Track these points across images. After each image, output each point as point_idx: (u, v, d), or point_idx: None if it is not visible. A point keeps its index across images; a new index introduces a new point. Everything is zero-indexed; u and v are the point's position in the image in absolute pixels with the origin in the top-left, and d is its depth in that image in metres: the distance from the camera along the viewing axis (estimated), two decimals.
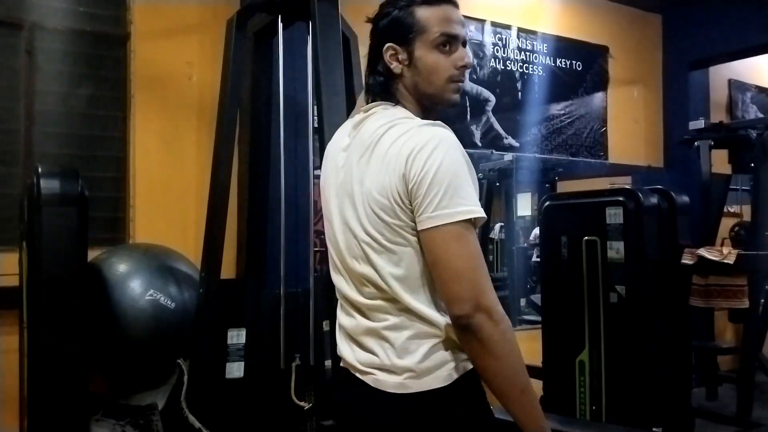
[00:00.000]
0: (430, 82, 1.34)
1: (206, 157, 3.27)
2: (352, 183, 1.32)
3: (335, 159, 1.41)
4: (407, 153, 1.23)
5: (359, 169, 1.31)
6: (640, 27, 5.78)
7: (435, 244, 1.21)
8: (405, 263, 1.26)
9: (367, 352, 1.32)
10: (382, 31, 1.36)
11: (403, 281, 1.27)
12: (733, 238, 5.43)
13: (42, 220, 2.50)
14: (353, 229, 1.31)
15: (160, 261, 3.05)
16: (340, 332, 1.42)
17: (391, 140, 1.26)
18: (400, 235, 1.26)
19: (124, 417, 2.90)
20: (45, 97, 3.36)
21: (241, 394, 3.06)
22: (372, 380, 1.30)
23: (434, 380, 1.26)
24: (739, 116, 6.25)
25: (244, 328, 3.08)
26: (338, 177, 1.37)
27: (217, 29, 3.31)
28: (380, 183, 1.25)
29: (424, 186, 1.20)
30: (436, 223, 1.20)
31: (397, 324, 1.28)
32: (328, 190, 1.42)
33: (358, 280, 1.33)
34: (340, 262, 1.38)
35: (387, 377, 1.28)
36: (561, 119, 5.31)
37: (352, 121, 1.42)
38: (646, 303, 3.39)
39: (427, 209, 1.20)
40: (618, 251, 3.40)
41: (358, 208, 1.30)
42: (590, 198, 3.65)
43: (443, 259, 1.21)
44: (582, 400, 3.53)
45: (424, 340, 1.27)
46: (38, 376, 2.52)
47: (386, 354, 1.28)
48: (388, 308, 1.29)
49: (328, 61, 2.64)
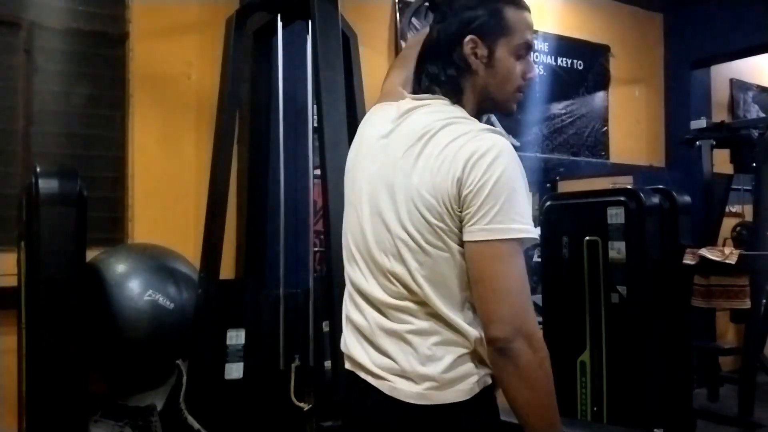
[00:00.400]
0: (501, 87, 1.31)
1: (205, 156, 3.26)
2: (394, 175, 1.24)
3: (371, 144, 1.32)
4: (466, 157, 1.16)
5: (406, 161, 1.23)
6: (642, 26, 5.76)
7: (483, 259, 1.16)
8: (440, 268, 1.20)
9: (383, 356, 1.24)
10: (466, 21, 1.27)
11: (435, 285, 1.20)
12: (735, 238, 5.41)
13: (40, 220, 2.49)
14: (388, 223, 1.24)
15: (158, 261, 3.05)
16: (350, 328, 1.33)
17: (448, 139, 1.20)
18: (441, 239, 1.19)
19: (123, 418, 2.89)
20: (43, 96, 3.35)
21: (241, 394, 3.05)
22: (388, 387, 1.22)
23: (456, 393, 1.20)
24: (740, 116, 6.23)
25: (243, 329, 3.07)
26: (374, 164, 1.29)
27: (217, 28, 3.30)
28: (431, 182, 1.18)
29: (481, 196, 1.14)
30: (488, 237, 1.14)
31: (424, 329, 1.21)
32: (358, 174, 1.33)
33: (385, 276, 1.24)
34: (361, 253, 1.30)
35: (406, 385, 1.20)
36: (562, 119, 5.30)
37: (396, 106, 1.32)
38: (647, 303, 3.38)
39: (481, 221, 1.15)
40: (619, 251, 3.39)
41: (399, 203, 1.22)
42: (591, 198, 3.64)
43: (489, 277, 1.16)
44: (583, 401, 3.52)
45: (450, 349, 1.20)
46: (37, 377, 2.51)
47: (407, 360, 1.20)
48: (415, 311, 1.21)
49: (328, 61, 2.62)
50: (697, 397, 4.21)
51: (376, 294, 1.26)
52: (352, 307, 1.32)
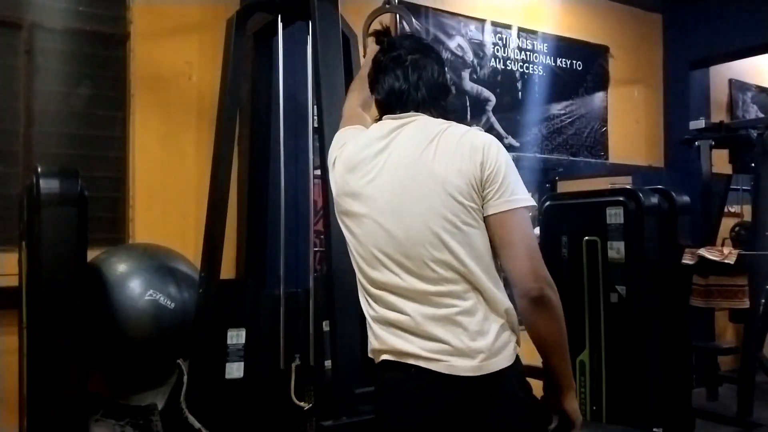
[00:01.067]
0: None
1: (206, 156, 3.26)
2: (414, 174, 1.41)
3: (367, 162, 1.48)
4: (480, 146, 1.41)
5: (424, 160, 1.42)
6: (641, 27, 5.77)
7: (510, 225, 1.39)
8: (475, 243, 1.39)
9: (434, 341, 1.37)
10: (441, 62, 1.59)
11: (475, 260, 1.38)
12: (734, 238, 5.42)
13: (42, 220, 2.50)
14: (425, 217, 1.39)
15: (159, 261, 3.05)
16: (383, 327, 1.44)
17: (458, 135, 1.43)
18: (472, 217, 1.39)
19: (124, 417, 2.89)
20: (44, 97, 3.35)
21: (241, 394, 3.05)
22: (444, 367, 1.36)
23: (503, 360, 1.38)
24: (739, 116, 6.24)
25: (243, 329, 3.08)
26: (381, 176, 1.45)
27: (217, 29, 3.31)
28: (458, 168, 1.39)
29: (501, 174, 1.39)
30: (512, 206, 1.39)
31: (469, 308, 1.38)
32: (364, 190, 1.47)
33: (427, 267, 1.38)
34: (390, 255, 1.42)
35: (461, 362, 1.35)
36: (561, 119, 5.31)
37: (378, 127, 1.53)
38: (646, 303, 3.39)
39: (504, 194, 1.38)
40: (618, 251, 3.39)
41: (430, 195, 1.39)
42: (591, 198, 3.65)
43: (518, 239, 1.39)
44: (582, 401, 3.52)
45: (493, 322, 1.39)
46: (38, 376, 2.52)
47: (460, 339, 1.36)
48: (459, 293, 1.38)
49: (328, 61, 2.63)
50: (696, 397, 4.21)
51: (416, 287, 1.40)
52: (383, 308, 1.45)
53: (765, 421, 4.15)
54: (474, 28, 4.83)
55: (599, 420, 3.44)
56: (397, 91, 1.52)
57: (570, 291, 3.50)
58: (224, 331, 3.04)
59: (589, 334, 3.50)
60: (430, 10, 4.59)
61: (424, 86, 1.52)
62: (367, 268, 1.47)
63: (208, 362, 2.98)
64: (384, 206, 1.44)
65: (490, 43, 4.91)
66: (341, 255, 2.49)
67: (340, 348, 2.49)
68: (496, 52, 4.95)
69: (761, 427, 4.07)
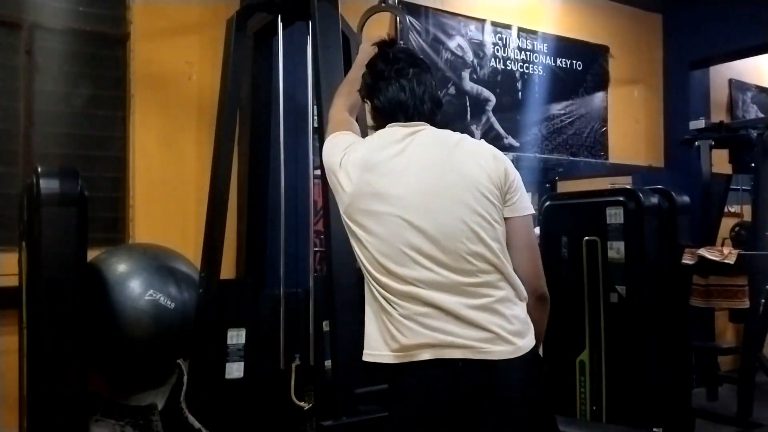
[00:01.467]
0: None
1: (206, 157, 3.26)
2: (444, 176, 1.54)
3: (386, 164, 1.57)
4: (501, 156, 1.62)
5: (450, 164, 1.56)
6: (641, 27, 5.77)
7: (525, 228, 1.61)
8: (501, 238, 1.56)
9: (476, 329, 1.48)
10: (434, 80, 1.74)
11: (503, 252, 1.55)
12: (734, 238, 5.42)
13: (41, 220, 2.50)
14: (460, 213, 1.52)
15: (159, 261, 3.05)
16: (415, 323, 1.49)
17: (475, 144, 1.64)
18: (500, 215, 1.57)
19: (124, 417, 2.89)
20: (45, 97, 3.35)
21: (241, 394, 3.05)
22: (488, 354, 1.47)
23: (530, 340, 1.54)
24: (739, 116, 6.25)
25: (243, 329, 3.08)
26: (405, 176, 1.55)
27: (217, 29, 3.31)
28: (488, 174, 1.56)
29: (517, 183, 1.60)
30: (527, 212, 1.61)
31: (502, 297, 1.52)
32: (389, 189, 1.55)
33: (464, 259, 1.50)
34: (421, 251, 1.50)
35: (502, 347, 1.48)
36: (561, 119, 5.31)
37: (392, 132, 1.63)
38: (646, 303, 3.39)
39: (521, 201, 1.60)
40: (618, 251, 3.40)
41: (465, 195, 1.53)
42: (591, 198, 3.65)
43: (530, 241, 1.62)
44: (582, 401, 3.53)
45: (520, 308, 1.55)
46: (38, 376, 2.52)
47: (499, 326, 1.49)
48: (493, 282, 1.52)
49: (328, 61, 2.63)
50: (696, 397, 4.21)
51: (453, 280, 1.50)
52: (413, 304, 1.50)
53: (765, 421, 4.14)
54: (474, 28, 4.83)
55: (599, 420, 3.44)
56: (404, 102, 1.64)
57: (570, 291, 3.51)
58: (224, 331, 3.04)
59: (589, 334, 3.50)
60: (430, 10, 4.59)
61: (429, 101, 1.67)
62: (393, 265, 1.52)
63: (208, 362, 2.98)
64: (413, 205, 1.52)
65: (490, 43, 4.91)
66: (341, 255, 2.50)
67: (340, 348, 2.49)
68: (496, 52, 4.95)
69: (761, 427, 4.07)
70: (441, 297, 1.49)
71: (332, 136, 1.74)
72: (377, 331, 1.55)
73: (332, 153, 1.67)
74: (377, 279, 1.55)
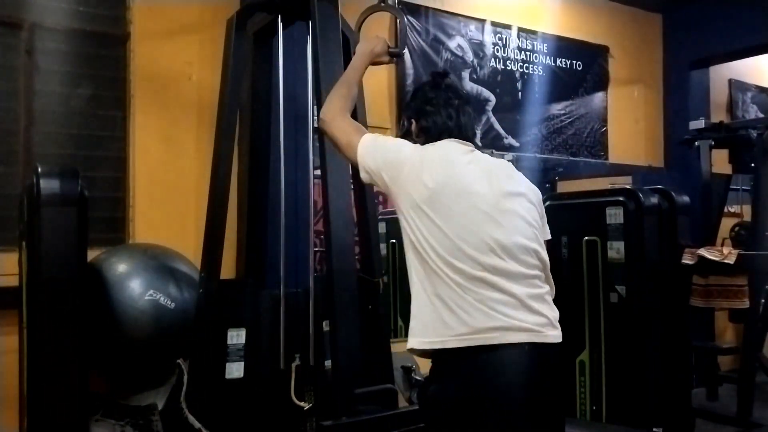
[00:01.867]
0: None
1: (206, 157, 3.26)
2: (506, 187, 1.78)
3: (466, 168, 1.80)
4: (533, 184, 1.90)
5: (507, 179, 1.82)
6: (641, 27, 5.78)
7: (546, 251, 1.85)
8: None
9: (538, 315, 1.70)
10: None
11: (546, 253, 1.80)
12: (734, 238, 5.42)
13: (42, 220, 2.49)
14: (525, 217, 1.77)
15: (159, 261, 3.05)
16: (488, 307, 1.66)
17: (513, 168, 1.93)
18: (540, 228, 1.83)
19: (124, 417, 2.90)
20: (45, 97, 3.35)
21: (241, 394, 3.05)
22: (547, 337, 1.70)
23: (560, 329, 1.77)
24: (739, 116, 6.25)
25: (243, 329, 3.07)
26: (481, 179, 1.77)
27: (217, 29, 3.31)
28: (534, 192, 1.86)
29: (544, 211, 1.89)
30: (549, 237, 1.87)
31: (547, 291, 1.77)
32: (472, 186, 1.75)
33: (528, 254, 1.73)
34: (499, 242, 1.70)
35: (555, 332, 1.73)
36: (561, 119, 5.31)
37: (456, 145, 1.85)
38: (646, 303, 3.39)
39: (546, 226, 1.87)
40: (618, 251, 3.40)
41: (525, 204, 1.80)
42: (590, 198, 3.66)
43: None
44: (582, 400, 3.53)
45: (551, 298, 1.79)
46: (38, 376, 2.52)
47: (552, 313, 1.74)
48: (542, 277, 1.77)
49: (328, 61, 2.63)
50: (696, 397, 4.21)
51: (520, 271, 1.71)
52: (487, 290, 1.67)
53: (765, 421, 4.15)
54: (474, 28, 4.83)
55: (599, 420, 3.44)
56: (454, 126, 1.88)
57: (570, 291, 3.51)
58: (224, 331, 3.04)
59: (589, 334, 3.50)
60: (430, 10, 4.59)
61: (471, 128, 1.94)
62: (476, 253, 1.69)
63: (208, 362, 2.98)
64: (493, 203, 1.74)
65: (490, 43, 4.91)
66: (341, 255, 2.50)
67: (340, 348, 2.49)
68: (496, 52, 4.95)
69: (761, 427, 4.07)
70: (512, 286, 1.68)
71: (372, 137, 1.89)
72: (439, 319, 1.69)
73: (397, 149, 1.84)
74: (452, 264, 1.69)
